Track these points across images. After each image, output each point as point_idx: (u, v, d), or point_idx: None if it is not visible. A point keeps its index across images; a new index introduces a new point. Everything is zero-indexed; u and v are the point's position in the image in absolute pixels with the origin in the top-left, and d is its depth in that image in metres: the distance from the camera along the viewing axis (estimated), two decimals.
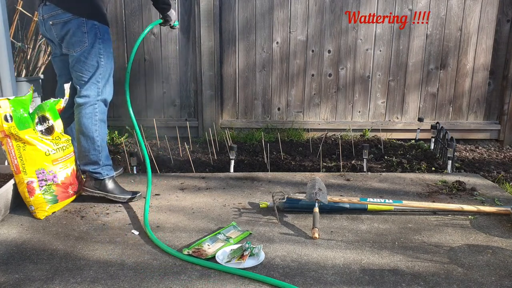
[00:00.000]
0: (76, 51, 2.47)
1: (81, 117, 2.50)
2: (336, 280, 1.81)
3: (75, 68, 2.51)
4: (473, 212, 2.44)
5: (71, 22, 2.42)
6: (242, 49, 4.15)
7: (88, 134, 2.51)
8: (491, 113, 4.29)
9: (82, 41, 2.45)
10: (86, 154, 2.54)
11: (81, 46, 2.46)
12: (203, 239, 2.11)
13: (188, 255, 1.97)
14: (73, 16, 2.42)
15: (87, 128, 2.51)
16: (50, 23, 2.45)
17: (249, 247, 1.98)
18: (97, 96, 2.53)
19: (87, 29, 2.44)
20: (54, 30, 2.46)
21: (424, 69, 4.19)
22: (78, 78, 2.53)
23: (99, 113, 2.54)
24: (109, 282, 1.78)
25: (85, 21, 2.44)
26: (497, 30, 4.08)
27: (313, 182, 2.48)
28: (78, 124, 2.53)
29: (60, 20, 2.43)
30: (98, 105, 2.54)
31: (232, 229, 2.22)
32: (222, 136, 3.90)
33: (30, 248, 2.04)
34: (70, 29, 2.43)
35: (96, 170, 2.54)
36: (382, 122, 4.27)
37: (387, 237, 2.18)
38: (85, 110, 2.50)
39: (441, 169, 3.32)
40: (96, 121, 2.53)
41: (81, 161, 2.57)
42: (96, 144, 2.53)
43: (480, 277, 1.84)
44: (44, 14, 2.47)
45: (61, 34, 2.46)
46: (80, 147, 2.54)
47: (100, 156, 2.55)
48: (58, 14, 2.42)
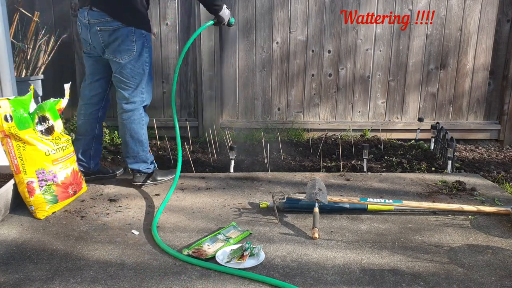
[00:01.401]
0: (124, 59, 2.56)
1: (130, 122, 2.68)
2: (336, 280, 1.81)
3: (121, 75, 2.61)
4: (473, 212, 2.44)
5: (120, 31, 2.50)
6: (242, 49, 4.14)
7: (138, 138, 2.71)
8: (491, 113, 4.29)
9: (130, 49, 2.54)
10: (135, 155, 2.75)
11: (129, 55, 2.55)
12: (203, 239, 2.11)
13: (188, 255, 1.97)
14: (123, 24, 2.49)
15: (136, 132, 2.70)
16: (98, 28, 2.51)
17: (249, 247, 1.98)
18: (142, 103, 2.70)
19: (136, 37, 2.54)
20: (101, 36, 2.52)
21: (424, 69, 4.19)
22: (123, 83, 2.63)
23: (144, 117, 2.74)
24: (109, 282, 1.78)
25: (134, 30, 2.53)
26: (497, 30, 4.08)
27: (313, 182, 2.48)
28: (126, 129, 2.69)
29: (109, 27, 2.49)
30: (143, 110, 2.72)
31: (232, 229, 2.22)
32: (222, 136, 3.90)
33: (30, 248, 2.04)
34: (119, 37, 2.51)
35: (147, 168, 2.80)
36: (382, 122, 4.27)
37: (387, 237, 2.18)
38: (134, 116, 2.67)
39: (441, 169, 3.32)
40: (143, 125, 2.73)
41: (130, 160, 2.76)
42: (144, 146, 2.75)
43: (480, 277, 1.84)
44: (91, 19, 2.51)
45: (109, 41, 2.53)
46: (129, 149, 2.73)
47: (148, 155, 2.80)
48: (107, 22, 2.48)
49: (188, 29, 4.09)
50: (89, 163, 2.86)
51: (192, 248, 2.02)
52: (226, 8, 2.83)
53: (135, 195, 2.70)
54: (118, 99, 2.70)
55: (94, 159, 2.88)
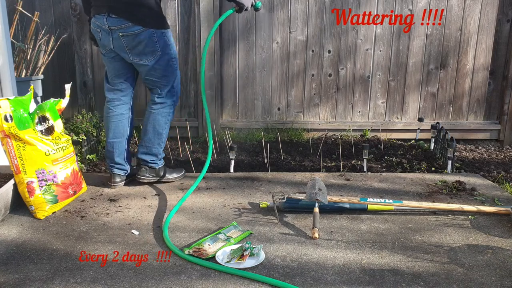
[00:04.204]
0: (150, 61, 2.59)
1: (158, 113, 2.72)
2: (336, 280, 1.81)
3: (151, 76, 2.65)
4: (473, 212, 2.44)
5: (142, 34, 2.53)
6: (242, 49, 4.14)
7: (159, 130, 2.74)
8: (491, 113, 4.29)
9: (154, 50, 2.58)
10: (149, 146, 2.76)
11: (154, 55, 2.59)
12: (204, 239, 2.11)
13: (189, 254, 1.97)
14: (143, 28, 2.52)
15: (160, 124, 2.73)
16: (120, 34, 2.53)
17: (249, 247, 1.98)
18: (172, 97, 2.75)
19: (157, 38, 2.57)
20: (124, 41, 2.55)
21: (424, 69, 4.19)
22: (156, 84, 2.68)
23: (172, 114, 2.78)
24: (109, 282, 1.78)
25: (154, 31, 2.55)
26: (497, 30, 4.08)
27: (313, 182, 2.48)
28: (152, 118, 2.72)
29: (131, 32, 2.52)
30: (173, 107, 2.77)
31: (232, 229, 2.22)
32: (222, 136, 3.90)
33: (30, 248, 2.04)
34: (142, 40, 2.54)
35: (154, 161, 2.80)
36: (382, 122, 4.27)
37: (387, 237, 2.18)
38: (163, 109, 2.73)
39: (441, 169, 3.32)
40: (168, 120, 2.77)
41: (142, 150, 2.77)
42: (162, 140, 2.78)
43: (480, 277, 1.84)
44: (111, 26, 2.53)
45: (132, 45, 2.55)
46: (146, 138, 2.75)
47: (160, 151, 2.81)
48: (128, 27, 2.51)
49: (188, 29, 4.09)
50: (126, 166, 2.82)
51: (193, 248, 2.02)
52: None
53: (135, 195, 2.70)
54: (151, 94, 2.75)
55: (129, 161, 2.86)
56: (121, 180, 2.81)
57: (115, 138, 2.76)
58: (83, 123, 3.57)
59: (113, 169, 2.79)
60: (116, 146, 2.76)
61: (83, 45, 4.11)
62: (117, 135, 2.76)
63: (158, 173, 2.83)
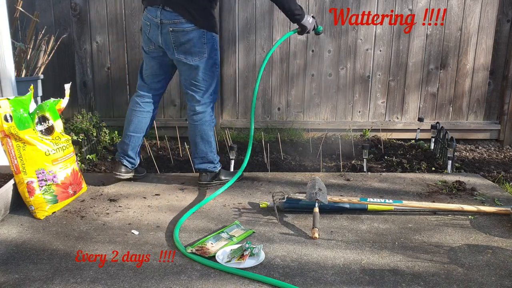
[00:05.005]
0: (194, 61, 2.57)
1: (202, 124, 2.70)
2: (336, 280, 1.81)
3: (192, 78, 2.63)
4: (473, 212, 2.44)
5: (193, 33, 2.51)
6: (242, 49, 4.14)
7: (207, 139, 2.73)
8: (491, 113, 4.29)
9: (201, 51, 2.56)
10: (204, 156, 2.76)
11: (199, 56, 2.56)
12: (207, 237, 2.12)
13: (192, 253, 1.98)
14: (195, 27, 2.50)
15: (206, 134, 2.72)
16: (171, 29, 2.50)
17: (249, 247, 1.98)
18: (210, 103, 2.72)
19: (206, 40, 2.55)
20: (173, 36, 2.52)
21: (424, 69, 4.19)
22: (194, 86, 2.65)
23: (214, 119, 2.77)
24: (109, 282, 1.78)
25: (205, 33, 2.54)
26: (497, 30, 4.08)
27: (313, 182, 2.48)
28: (197, 130, 2.71)
29: (182, 28, 2.50)
30: (212, 111, 2.75)
31: (235, 228, 2.23)
32: (222, 136, 3.90)
33: (30, 248, 2.04)
34: (191, 39, 2.51)
35: (213, 167, 2.81)
36: (382, 122, 4.27)
37: (387, 237, 2.18)
38: (205, 118, 2.70)
39: (441, 169, 3.32)
40: (212, 126, 2.76)
41: (198, 161, 2.78)
42: (212, 146, 2.77)
43: (480, 277, 1.84)
44: (163, 19, 2.50)
45: (180, 42, 2.53)
46: (198, 150, 2.75)
47: (215, 156, 2.81)
48: (181, 23, 2.48)
49: None
50: (135, 160, 2.84)
51: (195, 246, 2.03)
52: (311, 16, 2.79)
53: (135, 195, 2.70)
54: (188, 101, 2.72)
55: (139, 157, 2.88)
56: (126, 171, 2.80)
57: (134, 133, 2.78)
58: (83, 123, 3.57)
59: (123, 160, 2.79)
60: (133, 140, 2.78)
61: (83, 45, 4.11)
62: (137, 130, 2.78)
63: (219, 178, 2.85)
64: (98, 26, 4.07)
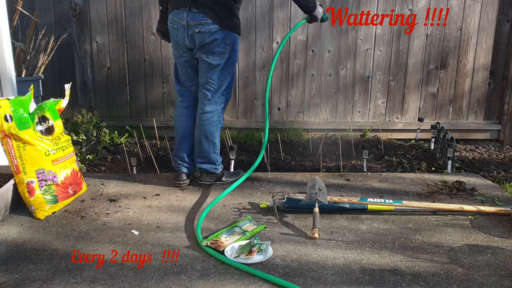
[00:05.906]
0: (216, 60, 2.59)
1: (208, 124, 2.69)
2: (336, 280, 1.81)
3: (208, 76, 2.64)
4: (473, 212, 2.44)
5: (218, 33, 2.53)
6: (242, 49, 4.14)
7: (212, 140, 2.73)
8: (491, 113, 4.29)
9: (224, 52, 2.58)
10: (206, 155, 2.76)
11: (221, 57, 2.59)
12: (221, 231, 2.17)
13: (207, 246, 2.02)
14: (220, 28, 2.52)
15: (212, 134, 2.71)
16: (197, 30, 2.53)
17: (257, 243, 2.02)
18: (221, 103, 2.73)
19: (229, 41, 2.58)
20: (199, 37, 2.54)
21: (424, 69, 4.19)
22: (209, 84, 2.66)
23: (222, 120, 2.77)
24: (109, 282, 1.78)
25: (228, 34, 2.56)
26: (497, 30, 4.08)
27: (313, 182, 2.48)
28: (203, 129, 2.70)
29: (208, 29, 2.52)
30: (222, 112, 2.75)
31: (248, 223, 2.28)
32: (222, 136, 3.89)
33: (30, 248, 2.04)
34: (216, 39, 2.54)
35: (214, 168, 2.80)
36: (382, 122, 4.27)
37: (387, 237, 2.18)
38: (213, 118, 2.69)
39: (441, 169, 3.32)
40: (219, 128, 2.76)
41: (200, 160, 2.77)
42: (216, 148, 2.77)
43: (480, 277, 1.84)
44: (190, 21, 2.52)
45: (206, 42, 2.55)
46: (201, 149, 2.75)
47: (217, 157, 2.80)
48: (207, 24, 2.51)
49: None
50: (192, 164, 2.86)
51: (210, 239, 2.07)
52: (319, 5, 2.80)
53: (135, 195, 2.70)
54: (200, 98, 2.72)
55: (193, 159, 2.88)
56: (187, 178, 2.84)
57: (184, 138, 2.82)
58: (83, 123, 3.57)
59: (182, 168, 2.82)
60: (184, 145, 2.82)
61: (83, 45, 4.11)
62: (185, 135, 2.82)
63: (219, 177, 2.84)
64: (98, 26, 4.07)
